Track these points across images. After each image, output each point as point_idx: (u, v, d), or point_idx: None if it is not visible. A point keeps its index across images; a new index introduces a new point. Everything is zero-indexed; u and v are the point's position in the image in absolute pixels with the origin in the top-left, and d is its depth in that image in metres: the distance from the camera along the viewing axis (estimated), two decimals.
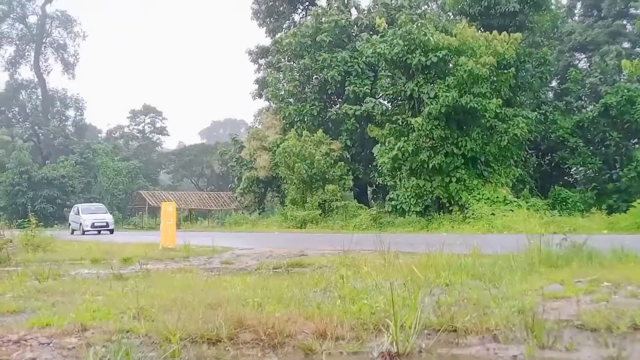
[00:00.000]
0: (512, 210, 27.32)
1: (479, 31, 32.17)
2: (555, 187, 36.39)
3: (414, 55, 29.80)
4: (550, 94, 43.06)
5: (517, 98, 35.15)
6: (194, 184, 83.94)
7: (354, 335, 4.42)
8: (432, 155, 29.96)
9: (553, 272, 7.17)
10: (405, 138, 30.49)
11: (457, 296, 5.45)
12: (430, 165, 29.85)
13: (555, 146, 38.40)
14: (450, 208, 29.77)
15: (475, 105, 29.19)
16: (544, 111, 37.50)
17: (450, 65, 30.54)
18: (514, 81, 32.36)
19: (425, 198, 30.44)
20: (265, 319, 4.64)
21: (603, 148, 37.95)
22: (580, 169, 39.43)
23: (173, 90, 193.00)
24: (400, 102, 33.42)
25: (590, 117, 37.47)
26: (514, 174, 31.80)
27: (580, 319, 4.61)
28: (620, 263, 7.74)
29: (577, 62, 47.03)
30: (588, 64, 45.52)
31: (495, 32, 30.53)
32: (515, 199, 29.72)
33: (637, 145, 38.14)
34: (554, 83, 43.90)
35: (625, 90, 36.15)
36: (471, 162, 30.82)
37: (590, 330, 4.39)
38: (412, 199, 30.47)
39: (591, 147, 38.13)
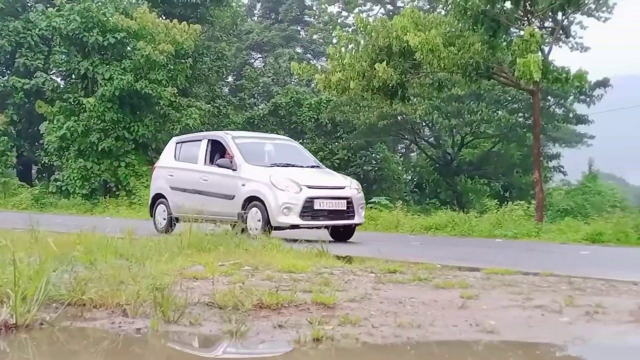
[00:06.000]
0: None
1: (160, 18, 32.06)
2: None
3: (92, 33, 28.87)
4: (226, 89, 44.23)
5: (193, 89, 35.64)
6: None
7: None
8: (103, 137, 29.25)
9: (201, 255, 7.38)
10: (76, 118, 29.43)
11: (98, 273, 5.38)
12: (100, 148, 29.13)
13: None
14: (117, 192, 29.34)
15: (150, 92, 29.03)
16: (218, 104, 38.37)
17: (128, 48, 30.05)
18: (191, 72, 32.77)
19: (93, 181, 29.65)
20: None
21: None
22: None
23: None
24: (73, 80, 32.22)
25: (261, 115, 39.09)
26: None
27: (213, 297, 4.80)
28: (266, 250, 8.18)
29: (254, 60, 48.82)
30: (263, 64, 47.41)
31: (175, 21, 30.59)
32: None
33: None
34: (230, 78, 45.16)
35: (294, 93, 38.29)
36: (142, 148, 30.60)
37: (219, 307, 4.59)
38: (78, 181, 29.49)
39: None
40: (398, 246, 11.68)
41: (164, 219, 13.71)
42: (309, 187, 11.95)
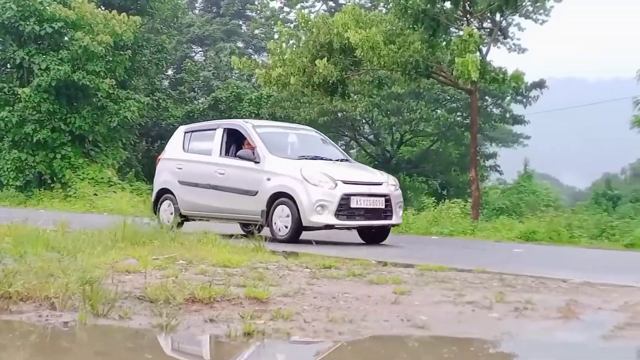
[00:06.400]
0: (116, 192, 27.22)
1: (99, 8, 31.54)
2: None
3: (28, 22, 28.21)
4: (166, 82, 43.75)
5: (132, 81, 35.13)
6: None
7: None
8: (38, 129, 28.62)
9: (135, 249, 7.31)
10: (11, 108, 28.75)
11: (27, 266, 5.27)
12: (35, 139, 28.51)
13: (165, 133, 38.92)
14: (52, 185, 28.80)
15: (88, 83, 28.50)
16: (157, 98, 37.93)
17: (66, 38, 29.46)
18: (130, 64, 32.30)
19: (27, 173, 29.03)
20: None
21: None
22: None
23: None
24: (8, 69, 31.57)
25: (201, 109, 38.78)
26: (121, 156, 31.72)
27: (144, 291, 4.74)
28: (201, 245, 8.12)
29: (194, 54, 48.33)
30: (204, 57, 47.03)
31: (115, 11, 30.12)
32: (120, 182, 29.69)
33: None
34: (170, 71, 44.63)
35: (235, 87, 38.10)
36: (78, 140, 30.06)
37: (150, 301, 4.54)
38: (12, 173, 28.84)
39: None
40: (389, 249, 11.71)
41: (171, 215, 12.43)
42: (345, 182, 10.72)
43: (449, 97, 34.20)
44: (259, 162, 11.27)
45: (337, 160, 12.04)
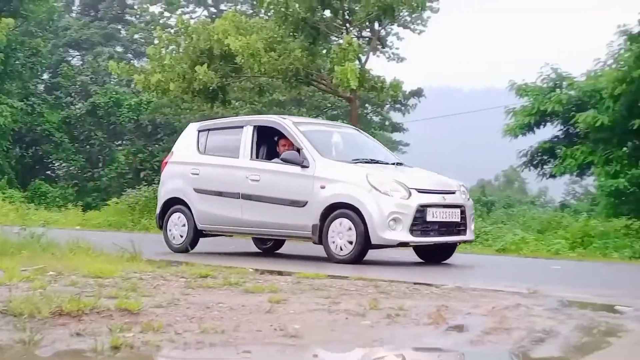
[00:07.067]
0: None
1: None
2: (37, 180, 35.84)
3: None
4: (41, 87, 42.44)
5: (5, 86, 33.98)
6: None
7: None
8: None
9: (1, 260, 7.01)
10: None
11: None
12: None
13: (40, 139, 37.81)
14: None
15: None
16: (32, 103, 36.79)
17: None
18: (2, 68, 31.24)
19: None
20: None
21: (88, 146, 38.62)
22: (63, 164, 39.48)
23: None
24: None
25: (78, 115, 37.90)
26: None
27: (8, 305, 4.54)
28: (73, 255, 7.89)
29: (71, 58, 47.00)
30: (81, 62, 45.84)
31: None
32: None
33: (120, 147, 39.48)
34: (45, 76, 43.29)
35: (114, 93, 37.38)
36: None
37: (14, 315, 4.35)
38: None
39: (76, 144, 38.51)
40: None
41: (184, 231, 10.78)
42: (419, 191, 9.10)
43: (330, 105, 34.53)
44: (307, 167, 9.53)
45: (392, 164, 10.36)
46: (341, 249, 9.05)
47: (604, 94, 16.40)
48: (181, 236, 10.73)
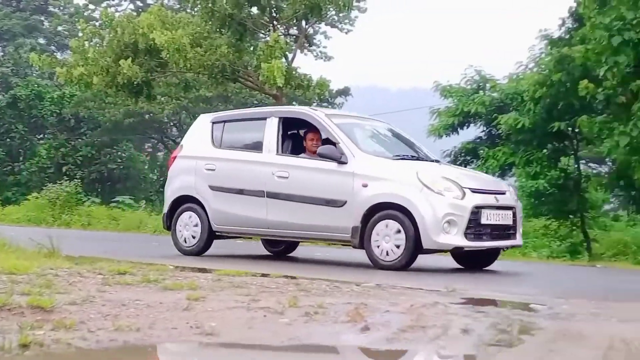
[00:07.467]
0: None
1: None
2: None
3: None
4: None
5: None
6: None
7: None
8: None
9: None
10: None
11: None
12: None
13: None
14: None
15: None
16: None
17: None
18: None
19: None
20: None
21: (8, 140, 37.59)
22: None
23: None
24: None
25: None
26: None
27: None
28: None
29: None
30: (2, 53, 44.68)
31: None
32: None
33: (42, 141, 38.61)
34: None
35: (36, 85, 36.58)
36: None
37: None
38: None
39: None
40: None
41: (196, 232, 9.74)
42: (473, 190, 8.27)
43: (256, 102, 34.41)
44: (345, 163, 8.56)
45: (432, 161, 9.44)
46: (387, 254, 8.17)
47: (525, 97, 16.76)
48: (193, 237, 9.71)
